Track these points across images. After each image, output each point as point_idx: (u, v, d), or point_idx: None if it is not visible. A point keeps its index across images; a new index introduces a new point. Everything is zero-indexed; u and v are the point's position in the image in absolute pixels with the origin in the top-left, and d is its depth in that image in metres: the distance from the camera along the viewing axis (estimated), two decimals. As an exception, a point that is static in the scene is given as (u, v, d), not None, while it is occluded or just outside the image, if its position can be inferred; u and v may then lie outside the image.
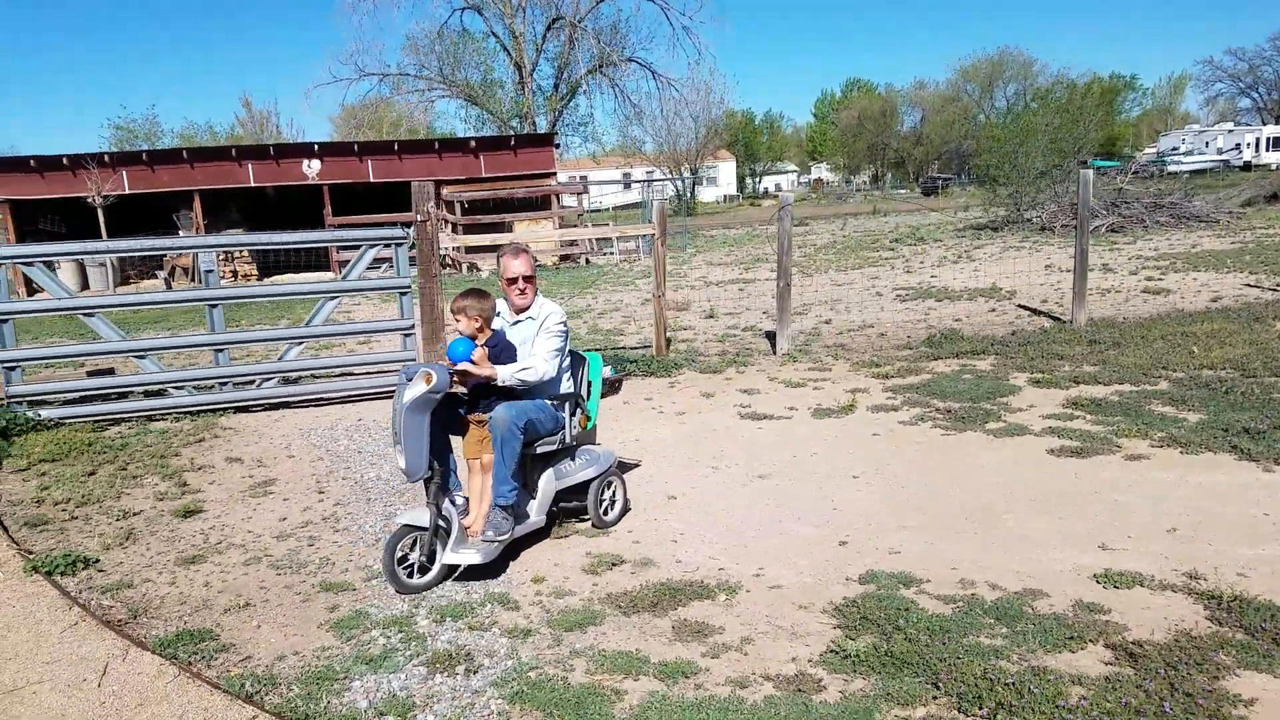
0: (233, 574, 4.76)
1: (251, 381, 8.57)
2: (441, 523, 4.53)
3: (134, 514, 5.72)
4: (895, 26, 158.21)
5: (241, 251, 24.25)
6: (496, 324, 5.00)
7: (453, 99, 39.03)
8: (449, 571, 4.56)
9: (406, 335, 8.92)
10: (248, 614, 4.27)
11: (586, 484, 5.19)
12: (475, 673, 3.65)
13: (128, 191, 24.21)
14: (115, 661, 3.62)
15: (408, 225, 25.68)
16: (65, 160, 23.00)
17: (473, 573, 4.58)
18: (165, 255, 22.70)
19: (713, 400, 8.31)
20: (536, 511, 4.95)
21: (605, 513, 5.30)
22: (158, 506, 5.86)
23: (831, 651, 3.70)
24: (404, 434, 4.35)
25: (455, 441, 4.86)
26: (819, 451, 6.60)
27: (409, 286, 8.86)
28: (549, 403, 4.97)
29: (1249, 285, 13.07)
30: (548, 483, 4.99)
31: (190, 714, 3.28)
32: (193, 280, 24.42)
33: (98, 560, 4.94)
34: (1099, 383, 8.00)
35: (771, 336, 10.58)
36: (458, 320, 4.77)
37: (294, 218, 25.26)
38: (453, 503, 4.66)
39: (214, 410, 8.29)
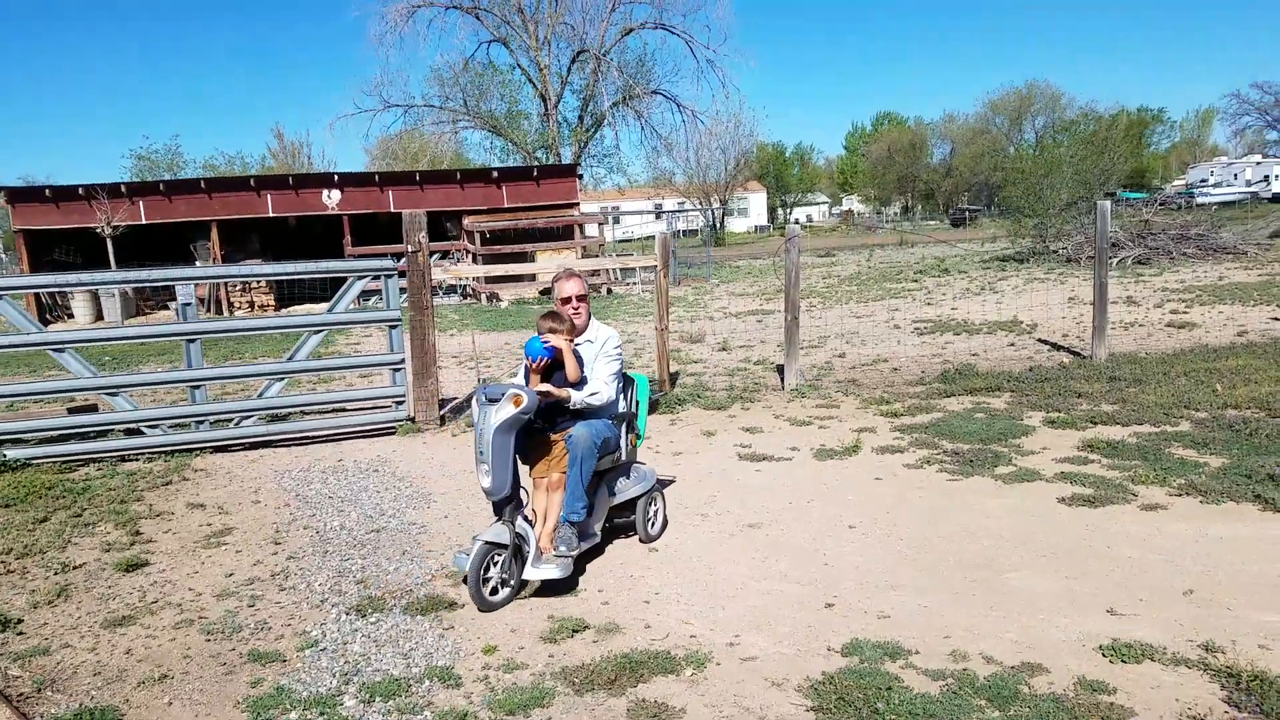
0: (160, 639, 4.41)
1: (230, 419, 8.29)
2: (518, 540, 4.67)
3: (74, 567, 5.40)
4: (925, 60, 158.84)
5: (259, 282, 24.23)
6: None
7: (477, 130, 39.13)
8: (521, 587, 4.73)
9: (396, 370, 8.64)
10: (162, 688, 3.91)
11: (633, 501, 5.40)
12: (395, 766, 3.28)
13: (144, 221, 24.22)
14: (3, 741, 3.31)
15: (429, 254, 25.33)
16: (81, 190, 23.04)
17: (548, 587, 4.73)
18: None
19: (713, 440, 7.95)
20: (596, 526, 5.12)
21: (650, 527, 5.49)
22: (102, 559, 5.53)
23: (798, 738, 3.31)
24: (491, 454, 4.51)
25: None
26: (816, 498, 6.21)
27: (398, 320, 8.59)
28: (610, 422, 5.21)
29: (1276, 319, 12.52)
30: (603, 499, 5.18)
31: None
32: (208, 310, 24.44)
33: (20, 621, 4.62)
34: (1117, 423, 7.55)
35: (783, 371, 10.21)
36: (545, 336, 5.00)
37: (316, 247, 25.35)
38: (527, 520, 4.80)
39: (189, 450, 8.00)
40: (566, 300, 5.26)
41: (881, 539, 5.38)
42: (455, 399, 9.89)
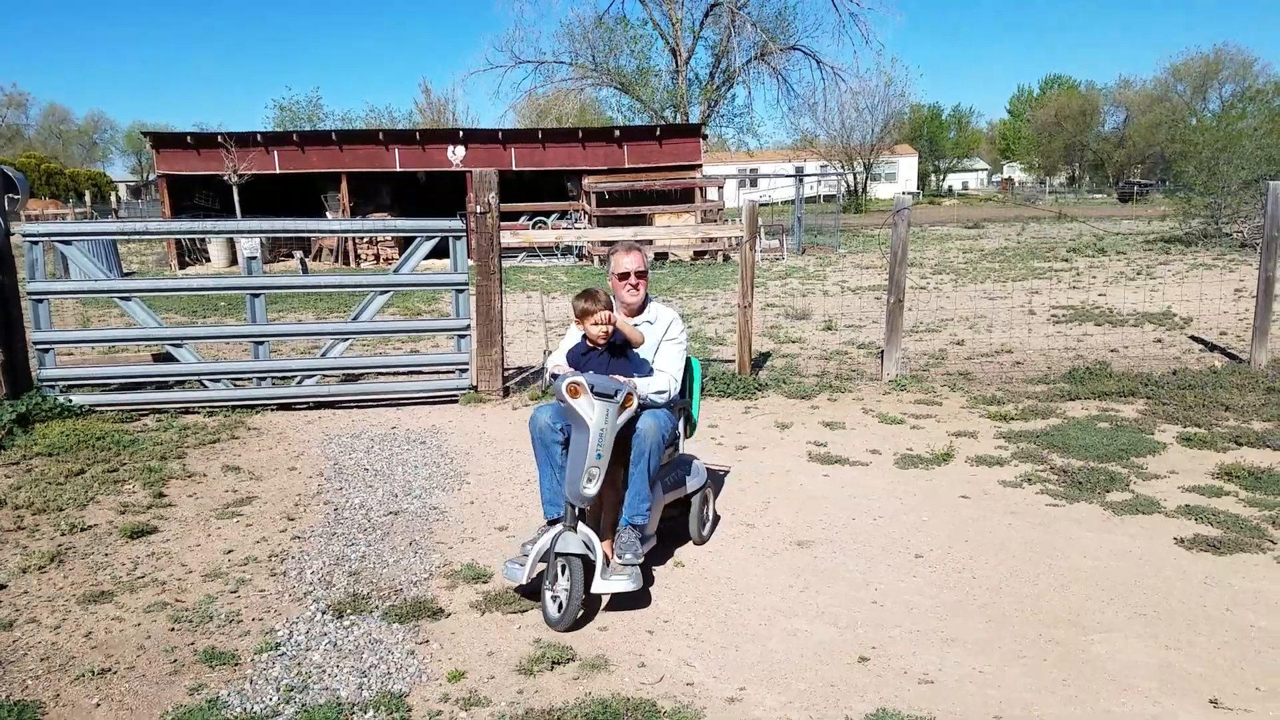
0: (125, 622, 4.10)
1: (292, 377, 8.09)
2: (586, 548, 4.13)
3: (83, 529, 5.20)
4: (1101, 19, 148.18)
5: (384, 235, 24.56)
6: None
7: (605, 87, 38.40)
8: (586, 602, 4.13)
9: (461, 336, 8.24)
10: (97, 684, 3.57)
11: (685, 498, 4.90)
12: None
13: (278, 171, 24.85)
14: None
15: (548, 214, 25.08)
16: (220, 138, 23.80)
17: (620, 600, 4.22)
18: (311, 236, 23.25)
19: (786, 433, 7.20)
20: (653, 528, 4.57)
21: (704, 528, 5.03)
22: (114, 521, 5.32)
23: None
24: (604, 457, 4.04)
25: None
26: (885, 515, 5.42)
27: (465, 284, 8.17)
28: (670, 412, 4.73)
29: None
30: (659, 498, 4.65)
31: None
32: (336, 261, 24.99)
33: (3, 588, 4.42)
34: (1268, 446, 6.38)
35: (883, 358, 9.30)
36: (581, 325, 4.47)
37: (444, 203, 25.44)
38: (590, 527, 4.27)
39: (250, 407, 7.84)
40: (625, 276, 4.84)
41: (949, 575, 4.57)
42: (532, 368, 9.46)
